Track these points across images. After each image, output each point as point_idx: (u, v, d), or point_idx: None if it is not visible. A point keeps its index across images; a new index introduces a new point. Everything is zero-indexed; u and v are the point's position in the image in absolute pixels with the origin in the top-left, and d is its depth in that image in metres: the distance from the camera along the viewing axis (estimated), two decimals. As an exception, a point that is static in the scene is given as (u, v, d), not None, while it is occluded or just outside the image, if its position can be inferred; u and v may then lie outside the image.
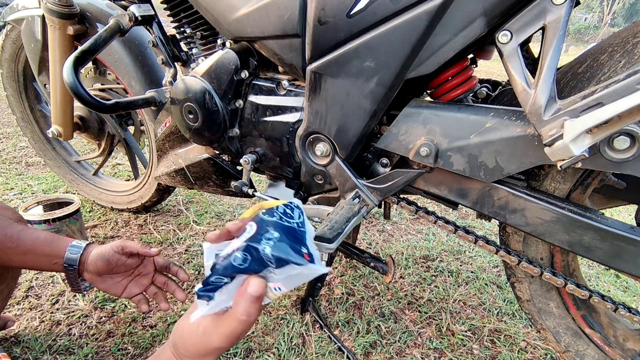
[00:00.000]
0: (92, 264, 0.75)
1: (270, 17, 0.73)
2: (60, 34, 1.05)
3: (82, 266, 0.76)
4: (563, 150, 0.52)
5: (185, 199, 1.71)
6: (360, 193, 0.80)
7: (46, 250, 0.74)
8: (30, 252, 0.73)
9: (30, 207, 1.27)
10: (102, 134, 1.37)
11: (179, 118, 0.93)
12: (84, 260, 0.76)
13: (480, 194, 0.72)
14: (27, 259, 0.74)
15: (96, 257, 0.75)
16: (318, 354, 0.98)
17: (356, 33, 0.66)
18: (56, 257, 0.75)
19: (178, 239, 1.42)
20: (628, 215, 1.96)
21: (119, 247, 0.76)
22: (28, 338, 0.97)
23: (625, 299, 1.33)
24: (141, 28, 1.02)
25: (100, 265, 0.75)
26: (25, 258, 0.73)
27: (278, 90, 0.84)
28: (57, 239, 0.76)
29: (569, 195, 0.69)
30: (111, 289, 0.79)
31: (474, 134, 0.65)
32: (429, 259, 1.42)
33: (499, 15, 0.57)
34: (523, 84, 0.56)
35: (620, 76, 0.50)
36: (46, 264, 0.75)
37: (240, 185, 0.95)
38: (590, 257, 0.65)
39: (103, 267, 0.76)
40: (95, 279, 0.77)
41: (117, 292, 0.79)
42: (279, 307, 1.12)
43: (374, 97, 0.69)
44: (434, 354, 1.02)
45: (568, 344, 0.82)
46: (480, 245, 0.77)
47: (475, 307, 1.20)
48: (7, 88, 1.44)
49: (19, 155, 2.02)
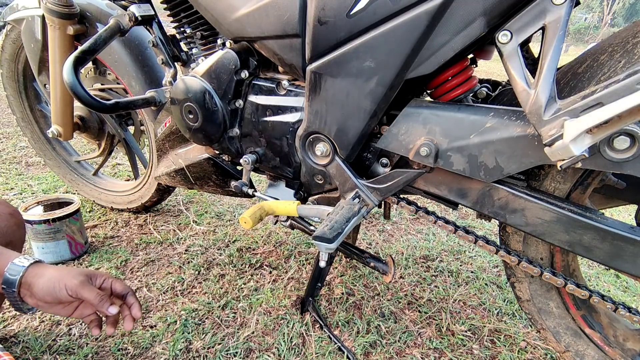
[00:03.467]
0: (40, 295, 0.66)
1: (270, 17, 0.73)
2: (60, 34, 1.05)
3: (26, 289, 0.67)
4: (563, 150, 0.52)
5: (185, 199, 1.71)
6: (360, 193, 0.80)
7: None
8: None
9: (30, 207, 1.27)
10: (102, 134, 1.37)
11: (179, 118, 0.93)
12: (27, 283, 0.66)
13: (480, 194, 0.72)
14: None
15: (45, 291, 0.66)
16: (318, 354, 0.98)
17: (356, 33, 0.66)
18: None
19: (178, 239, 1.42)
20: (628, 215, 1.96)
21: (74, 293, 0.67)
22: (28, 338, 0.97)
23: (625, 299, 1.33)
24: (141, 28, 1.02)
25: (49, 300, 0.67)
26: None
27: (278, 90, 0.84)
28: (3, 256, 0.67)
29: (569, 195, 0.69)
30: (60, 312, 0.70)
31: (474, 134, 0.65)
32: (429, 259, 1.42)
33: (499, 15, 0.57)
34: (523, 84, 0.56)
35: (620, 76, 0.50)
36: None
37: (240, 185, 0.95)
38: (590, 257, 0.65)
39: (52, 301, 0.67)
40: (42, 305, 0.68)
41: (66, 314, 0.71)
42: (279, 307, 1.12)
43: (374, 97, 0.69)
44: (434, 354, 1.02)
45: (568, 344, 0.82)
46: (480, 245, 0.77)
47: (475, 307, 1.20)
48: (7, 88, 1.44)
49: (19, 155, 2.02)
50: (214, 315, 1.08)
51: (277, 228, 1.52)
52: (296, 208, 0.83)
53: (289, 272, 1.28)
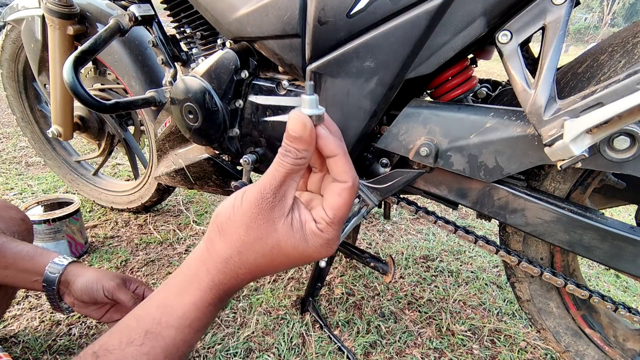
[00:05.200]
0: (78, 293, 0.71)
1: (270, 17, 0.73)
2: (60, 34, 1.05)
3: (65, 287, 0.72)
4: (563, 150, 0.52)
5: (185, 199, 1.71)
6: (360, 193, 0.80)
7: (27, 265, 0.70)
8: (12, 266, 0.69)
9: (30, 207, 1.27)
10: (102, 134, 1.37)
11: (179, 118, 0.93)
12: (66, 281, 0.71)
13: (480, 194, 0.72)
14: (8, 274, 0.70)
15: (83, 290, 0.70)
16: (318, 354, 0.98)
17: (356, 33, 0.66)
18: (36, 275, 0.71)
19: (178, 239, 1.42)
20: (628, 215, 1.96)
21: (111, 294, 0.71)
22: (28, 338, 0.97)
23: (625, 299, 1.33)
24: (141, 28, 1.02)
25: (86, 299, 0.71)
26: (6, 273, 0.69)
27: (278, 90, 0.84)
28: (39, 254, 0.72)
29: (569, 195, 0.69)
30: (92, 314, 0.75)
31: (474, 134, 0.65)
32: (429, 259, 1.42)
33: (499, 15, 0.57)
34: (523, 84, 0.56)
35: (620, 76, 0.50)
36: (26, 281, 0.71)
37: (240, 185, 0.95)
38: (590, 257, 0.65)
39: (89, 301, 0.72)
40: (78, 304, 0.73)
41: (97, 317, 0.75)
42: (279, 307, 1.12)
43: (374, 97, 0.69)
44: (434, 354, 1.02)
45: (568, 344, 0.82)
46: (480, 245, 0.77)
47: (475, 307, 1.20)
48: (7, 88, 1.44)
49: (19, 155, 2.02)
50: (214, 315, 1.08)
51: (277, 228, 1.51)
52: (296, 208, 0.83)
53: (289, 272, 1.28)
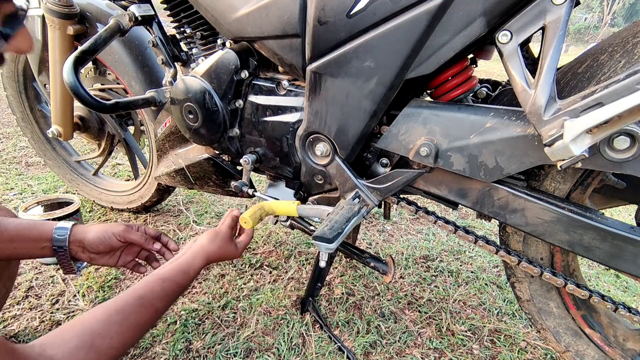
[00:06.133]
0: (93, 246, 0.77)
1: (270, 17, 0.73)
2: (60, 34, 1.05)
3: (76, 246, 0.77)
4: (563, 150, 0.52)
5: (185, 199, 1.71)
6: (360, 193, 0.80)
7: (32, 234, 0.74)
8: (17, 238, 0.73)
9: (30, 207, 1.27)
10: (102, 134, 1.37)
11: (179, 118, 0.93)
12: (76, 240, 0.77)
13: (480, 194, 0.72)
14: (17, 246, 0.73)
15: (98, 242, 0.77)
16: (318, 354, 0.98)
17: (356, 33, 0.66)
18: (44, 241, 0.75)
19: (178, 239, 1.42)
20: (628, 215, 1.96)
21: (122, 237, 0.79)
22: (28, 338, 0.96)
23: (625, 299, 1.33)
24: (141, 28, 1.02)
25: (102, 249, 0.78)
26: (14, 245, 0.73)
27: (278, 90, 0.84)
28: (40, 223, 0.77)
29: (569, 195, 0.69)
30: (108, 262, 0.82)
31: (474, 134, 0.65)
32: (429, 259, 1.42)
33: (499, 15, 0.57)
34: (523, 84, 0.56)
35: (620, 76, 0.50)
36: (36, 250, 0.75)
37: (240, 185, 0.95)
38: (590, 257, 0.65)
39: (105, 250, 0.79)
40: (94, 257, 0.80)
41: (113, 263, 0.82)
42: (279, 307, 1.12)
43: (374, 97, 0.69)
44: (434, 354, 1.02)
45: (568, 344, 0.82)
46: (480, 245, 0.77)
47: (475, 307, 1.20)
48: (7, 88, 1.44)
49: (19, 155, 2.02)
50: (214, 315, 1.08)
51: (277, 228, 1.52)
52: (296, 208, 0.83)
53: (289, 272, 1.28)
